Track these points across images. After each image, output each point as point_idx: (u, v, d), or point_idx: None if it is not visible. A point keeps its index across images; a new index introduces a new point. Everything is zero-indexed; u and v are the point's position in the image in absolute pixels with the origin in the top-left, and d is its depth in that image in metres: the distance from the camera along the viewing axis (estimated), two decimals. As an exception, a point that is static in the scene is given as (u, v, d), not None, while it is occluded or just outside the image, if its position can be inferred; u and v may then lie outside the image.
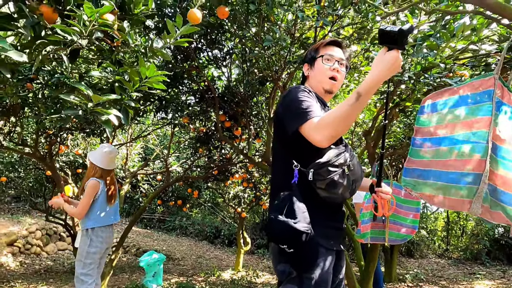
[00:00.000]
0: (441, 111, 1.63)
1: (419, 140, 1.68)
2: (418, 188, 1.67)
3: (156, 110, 3.64)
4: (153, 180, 6.48)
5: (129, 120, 1.62)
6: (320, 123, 1.29)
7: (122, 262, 8.30)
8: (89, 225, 2.91)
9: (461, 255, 9.35)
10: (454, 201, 1.55)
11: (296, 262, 1.37)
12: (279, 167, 1.54)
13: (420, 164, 1.66)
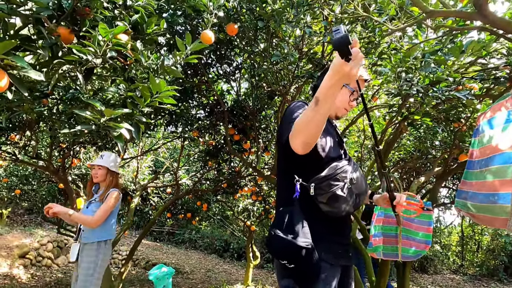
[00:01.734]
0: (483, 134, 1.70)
1: (471, 162, 1.75)
2: (465, 208, 1.75)
3: (166, 124, 3.70)
4: (163, 193, 6.53)
5: (140, 135, 1.66)
6: (293, 131, 1.30)
7: (131, 275, 8.30)
8: (104, 237, 2.81)
9: (477, 271, 9.08)
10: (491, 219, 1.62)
11: (298, 277, 1.36)
12: (282, 182, 1.54)
13: (469, 185, 1.74)
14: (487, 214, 1.60)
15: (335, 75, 1.12)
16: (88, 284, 2.76)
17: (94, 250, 2.78)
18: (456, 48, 2.07)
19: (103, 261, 2.77)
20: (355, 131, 4.91)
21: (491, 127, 1.62)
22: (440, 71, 2.19)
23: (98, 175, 2.88)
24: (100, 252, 2.78)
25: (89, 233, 2.81)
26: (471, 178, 1.71)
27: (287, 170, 1.48)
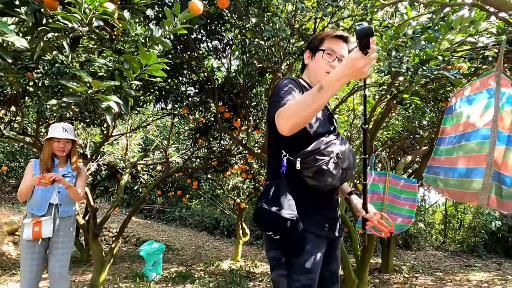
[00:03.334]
0: (457, 110, 1.71)
1: (442, 139, 1.77)
2: (436, 183, 1.76)
3: (156, 100, 3.65)
4: (153, 171, 6.52)
5: (129, 109, 1.65)
6: (282, 112, 1.31)
7: (122, 252, 8.40)
8: (75, 211, 2.90)
9: (457, 248, 9.45)
10: (462, 194, 1.64)
11: (284, 248, 1.39)
12: (271, 158, 1.56)
13: (439, 161, 1.75)
14: (457, 188, 1.64)
15: (349, 69, 1.15)
16: (69, 256, 2.84)
17: (72, 223, 2.86)
18: (445, 25, 2.07)
19: (75, 230, 2.87)
20: (345, 110, 4.94)
21: (469, 104, 1.64)
22: (430, 48, 2.20)
23: (66, 149, 2.84)
24: (75, 224, 2.88)
25: (68, 207, 2.82)
26: (441, 154, 1.74)
27: (276, 146, 1.49)
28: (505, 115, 1.50)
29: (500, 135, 1.49)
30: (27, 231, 2.61)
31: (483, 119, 1.56)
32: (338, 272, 1.64)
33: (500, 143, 1.49)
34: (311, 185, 1.40)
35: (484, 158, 1.49)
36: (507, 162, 1.48)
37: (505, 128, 1.49)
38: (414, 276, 5.78)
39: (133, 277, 5.24)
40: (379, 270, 6.22)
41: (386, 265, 6.13)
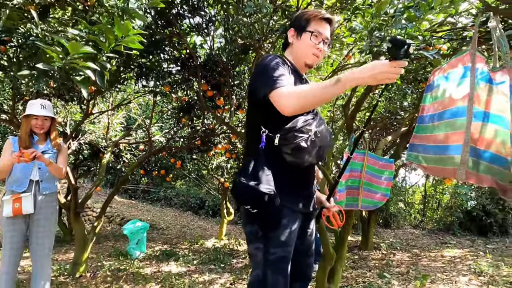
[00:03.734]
0: (436, 88, 1.74)
1: (422, 117, 1.80)
2: (417, 160, 1.81)
3: (136, 77, 3.57)
4: (136, 150, 6.45)
5: (105, 82, 1.61)
6: (292, 92, 1.34)
7: (106, 231, 8.40)
8: (57, 188, 2.90)
9: (434, 226, 9.84)
10: (441, 170, 1.70)
11: (261, 222, 1.44)
12: (250, 134, 1.58)
13: (420, 139, 1.80)
14: (437, 165, 1.70)
15: (373, 70, 1.22)
16: (53, 233, 2.83)
17: (55, 200, 2.84)
18: (425, 4, 2.08)
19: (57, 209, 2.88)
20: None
21: (447, 82, 1.68)
22: (411, 27, 2.21)
23: (44, 126, 2.79)
24: (57, 202, 2.87)
25: (50, 184, 2.79)
26: (422, 132, 1.79)
27: (255, 122, 1.50)
28: (480, 92, 1.53)
29: (476, 112, 1.53)
30: (7, 208, 2.57)
31: (459, 96, 1.59)
32: (313, 245, 1.70)
33: (476, 119, 1.53)
34: (289, 162, 1.43)
35: (462, 134, 1.54)
36: (483, 138, 1.53)
37: (480, 104, 1.54)
38: (392, 253, 6.01)
39: (116, 255, 5.28)
40: (359, 247, 6.44)
41: (366, 242, 6.35)
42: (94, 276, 4.01)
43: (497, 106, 1.50)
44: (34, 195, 2.70)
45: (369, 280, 3.99)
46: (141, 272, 4.27)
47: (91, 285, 3.62)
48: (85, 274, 4.06)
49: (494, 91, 1.49)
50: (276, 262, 1.43)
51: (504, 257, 5.82)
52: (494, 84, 1.49)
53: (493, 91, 1.50)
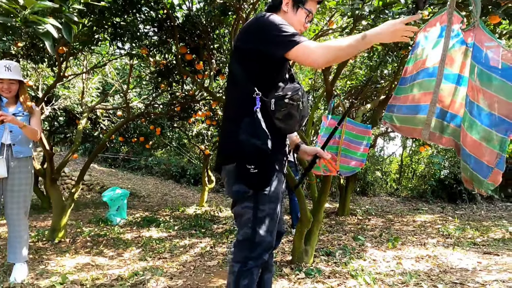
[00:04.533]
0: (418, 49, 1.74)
1: (403, 79, 1.81)
2: (391, 120, 1.84)
3: (111, 38, 3.40)
4: (113, 117, 6.28)
5: (72, 36, 1.52)
6: (321, 45, 1.39)
7: (86, 199, 8.34)
8: (32, 152, 2.85)
9: (409, 194, 10.26)
10: (411, 129, 1.74)
11: (253, 181, 1.47)
12: (238, 95, 1.57)
13: (397, 100, 1.82)
14: (407, 125, 1.74)
15: (394, 26, 1.35)
16: (29, 198, 2.81)
17: (30, 164, 2.81)
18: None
19: (33, 175, 2.85)
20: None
21: (426, 41, 1.67)
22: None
23: (12, 90, 2.67)
24: (32, 167, 2.84)
25: (24, 148, 2.74)
26: (400, 93, 1.81)
27: (246, 84, 1.50)
28: (455, 54, 1.54)
29: (449, 74, 1.55)
30: None
31: (434, 56, 1.60)
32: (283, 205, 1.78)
33: (448, 82, 1.55)
34: (278, 127, 1.50)
35: (429, 95, 1.56)
36: (456, 101, 1.56)
37: (454, 67, 1.55)
38: (367, 218, 6.27)
39: (96, 222, 5.27)
40: (336, 213, 6.67)
41: (343, 208, 6.58)
42: (74, 241, 4.01)
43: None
44: (7, 159, 2.63)
45: (344, 242, 4.16)
46: (121, 238, 4.30)
47: (71, 250, 3.63)
48: (64, 240, 4.06)
49: (469, 54, 1.50)
50: (265, 220, 1.49)
51: (470, 221, 6.18)
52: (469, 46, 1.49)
53: (468, 54, 1.51)
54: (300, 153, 1.84)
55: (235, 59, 1.59)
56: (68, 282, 2.67)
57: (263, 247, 1.51)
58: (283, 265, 3.19)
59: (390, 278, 2.88)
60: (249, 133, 1.44)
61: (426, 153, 10.64)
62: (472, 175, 1.44)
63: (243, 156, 1.45)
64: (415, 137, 1.73)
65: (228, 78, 1.73)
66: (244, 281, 1.49)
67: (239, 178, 1.49)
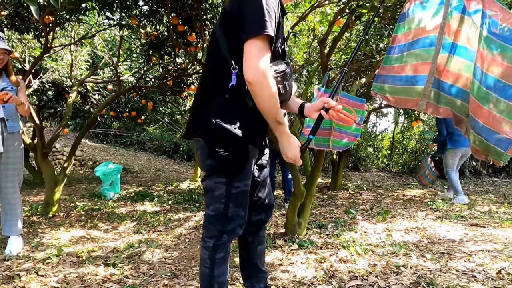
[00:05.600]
0: (410, 17, 1.68)
1: (392, 47, 1.75)
2: (382, 91, 1.80)
3: (99, 7, 3.27)
4: (104, 91, 6.15)
5: (58, 2, 1.45)
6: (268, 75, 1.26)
7: (79, 175, 8.31)
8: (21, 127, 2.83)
9: (399, 169, 10.43)
10: (405, 100, 1.70)
11: (225, 164, 1.41)
12: (214, 66, 1.46)
13: (387, 70, 1.77)
14: (401, 96, 1.72)
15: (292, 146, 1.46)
16: (20, 172, 2.81)
17: (20, 139, 2.79)
18: None
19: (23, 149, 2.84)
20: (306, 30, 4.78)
21: (422, 10, 1.63)
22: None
23: (4, 60, 2.61)
24: (22, 141, 2.83)
25: (15, 123, 2.73)
26: (389, 63, 1.78)
27: (224, 55, 1.38)
28: (452, 22, 1.51)
29: (445, 43, 1.52)
30: None
31: (432, 25, 1.56)
32: (268, 176, 1.75)
33: (444, 50, 1.52)
34: (250, 106, 1.36)
35: (429, 65, 1.54)
36: (448, 70, 1.54)
37: (450, 35, 1.52)
38: (359, 193, 6.38)
39: (90, 196, 5.28)
40: (328, 188, 6.77)
41: (335, 183, 6.68)
42: (68, 215, 4.02)
43: (464, 37, 1.49)
44: (1, 133, 2.61)
45: (336, 216, 4.25)
46: (116, 212, 4.32)
47: (65, 224, 3.64)
48: (58, 214, 4.06)
49: (465, 22, 1.47)
50: (239, 196, 1.46)
51: (458, 195, 6.33)
52: (466, 14, 1.46)
53: (464, 22, 1.48)
54: (306, 113, 1.63)
55: (220, 23, 1.44)
56: (63, 254, 2.69)
57: (237, 223, 1.49)
58: (276, 237, 3.26)
59: (381, 248, 2.97)
60: (220, 115, 1.35)
61: (417, 129, 10.74)
62: (488, 147, 1.42)
63: (212, 138, 1.38)
64: (409, 108, 1.71)
65: (209, 47, 1.55)
66: (219, 254, 1.49)
67: (210, 154, 1.41)
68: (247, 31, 1.26)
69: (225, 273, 1.53)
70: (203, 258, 1.51)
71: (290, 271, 2.46)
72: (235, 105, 1.37)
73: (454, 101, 1.55)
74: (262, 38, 1.25)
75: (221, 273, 1.51)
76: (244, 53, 1.27)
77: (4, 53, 2.59)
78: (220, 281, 1.51)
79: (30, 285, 2.14)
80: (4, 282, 2.17)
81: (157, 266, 2.52)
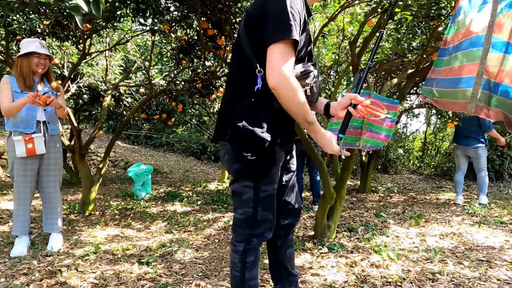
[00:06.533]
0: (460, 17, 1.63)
1: (443, 50, 1.71)
2: (431, 94, 1.76)
3: (133, 14, 3.39)
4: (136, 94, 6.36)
5: (100, 11, 1.52)
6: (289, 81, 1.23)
7: (112, 175, 8.63)
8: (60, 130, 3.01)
9: (432, 172, 10.04)
10: (452, 103, 1.66)
11: (252, 169, 1.42)
12: (239, 69, 1.46)
13: (437, 73, 1.73)
14: (449, 98, 1.66)
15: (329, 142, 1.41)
16: (60, 172, 2.98)
17: (60, 141, 2.94)
18: None
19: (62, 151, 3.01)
20: (335, 31, 4.72)
21: (470, 7, 1.57)
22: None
23: (46, 65, 2.76)
24: (61, 143, 2.99)
25: (55, 125, 2.88)
26: (440, 66, 1.72)
27: (250, 57, 1.37)
28: (503, 19, 1.44)
29: (496, 42, 1.45)
30: (20, 148, 2.62)
31: (480, 25, 1.49)
32: (295, 180, 1.75)
33: (496, 50, 1.45)
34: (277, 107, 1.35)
35: (476, 66, 1.47)
36: (504, 70, 1.46)
37: (503, 34, 1.45)
38: (389, 196, 6.21)
39: (123, 196, 5.47)
40: (357, 190, 6.64)
41: (364, 186, 6.53)
42: (103, 214, 4.19)
43: None
44: (43, 136, 2.75)
45: (366, 219, 4.16)
46: (147, 211, 4.45)
47: (101, 222, 3.79)
48: (94, 213, 4.24)
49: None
50: (267, 200, 1.47)
51: (497, 200, 6.03)
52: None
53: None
54: (332, 111, 1.58)
55: (243, 26, 1.40)
56: (100, 252, 2.81)
57: (266, 226, 1.50)
58: (305, 240, 3.24)
59: (414, 254, 2.87)
60: (247, 119, 1.34)
61: (451, 130, 10.30)
62: None
63: (239, 143, 1.38)
64: (458, 111, 1.64)
65: (233, 50, 1.52)
66: (250, 257, 1.50)
67: (237, 158, 1.41)
68: (271, 35, 1.24)
69: (256, 276, 1.55)
70: (234, 262, 1.52)
71: (321, 275, 2.43)
72: (261, 109, 1.37)
73: (506, 102, 1.47)
74: (286, 42, 1.23)
75: (252, 276, 1.53)
76: (267, 57, 1.25)
77: (46, 58, 2.74)
78: (251, 284, 1.53)
79: (71, 281, 2.25)
80: (47, 277, 2.29)
81: (188, 266, 2.58)
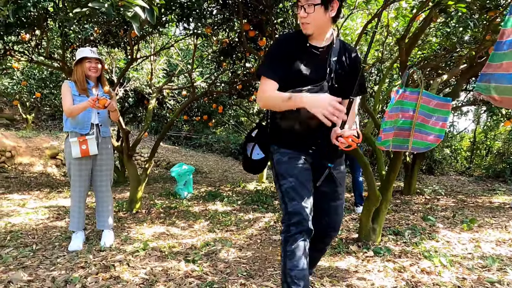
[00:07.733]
0: None
1: (500, 43, 1.61)
2: (487, 91, 1.67)
3: (178, 19, 3.50)
4: (178, 96, 6.58)
5: (155, 18, 1.59)
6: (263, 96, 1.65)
7: (155, 174, 8.98)
8: (110, 132, 3.18)
9: (483, 173, 9.40)
10: None
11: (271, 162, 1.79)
12: None
13: (494, 68, 1.63)
14: (509, 95, 1.54)
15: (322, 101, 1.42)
16: (112, 172, 3.15)
17: (110, 142, 3.11)
18: None
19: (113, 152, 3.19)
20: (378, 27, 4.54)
21: None
22: None
23: (98, 69, 2.92)
24: (112, 144, 3.15)
25: (107, 128, 3.05)
26: (498, 60, 1.60)
27: None
28: None
29: None
30: (75, 149, 2.81)
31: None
32: (341, 192, 1.81)
33: None
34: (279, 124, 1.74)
35: None
36: None
37: None
38: (436, 198, 5.90)
39: (166, 195, 5.67)
40: (401, 192, 6.37)
41: (409, 187, 6.25)
42: (149, 212, 4.37)
43: None
44: (96, 137, 2.91)
45: (412, 222, 3.98)
46: (190, 210, 4.58)
47: (147, 220, 3.96)
48: (140, 211, 4.44)
49: None
50: (289, 192, 1.64)
51: (560, 204, 5.50)
52: None
53: None
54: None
55: None
56: (149, 248, 2.93)
57: (299, 216, 1.59)
58: (349, 243, 3.16)
59: (469, 261, 2.71)
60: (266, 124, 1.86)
61: (504, 128, 9.60)
62: None
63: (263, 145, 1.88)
64: None
65: None
66: (290, 246, 1.59)
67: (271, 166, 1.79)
68: (257, 70, 1.74)
69: (299, 268, 1.58)
70: (281, 253, 1.67)
71: (367, 279, 2.36)
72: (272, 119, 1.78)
73: None
74: (263, 77, 1.66)
75: (293, 266, 1.58)
76: None
77: (97, 62, 2.91)
78: (292, 275, 1.57)
79: (124, 275, 2.36)
80: (102, 271, 2.43)
81: (233, 265, 2.61)
